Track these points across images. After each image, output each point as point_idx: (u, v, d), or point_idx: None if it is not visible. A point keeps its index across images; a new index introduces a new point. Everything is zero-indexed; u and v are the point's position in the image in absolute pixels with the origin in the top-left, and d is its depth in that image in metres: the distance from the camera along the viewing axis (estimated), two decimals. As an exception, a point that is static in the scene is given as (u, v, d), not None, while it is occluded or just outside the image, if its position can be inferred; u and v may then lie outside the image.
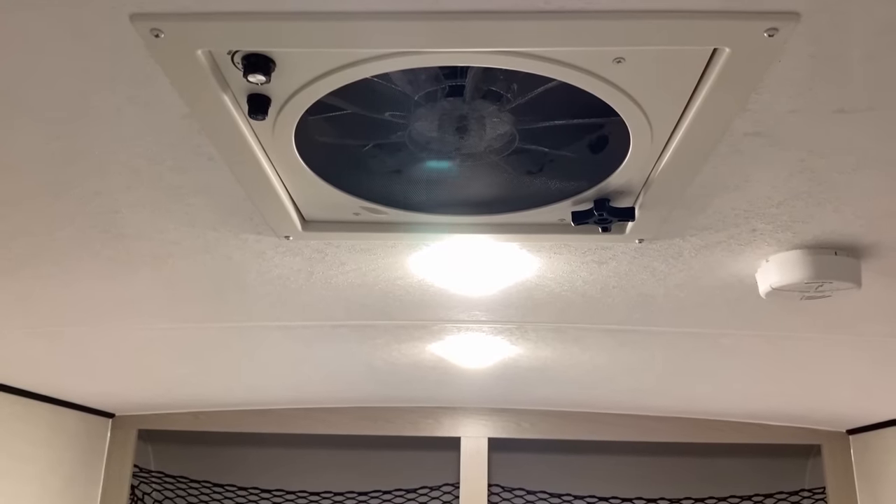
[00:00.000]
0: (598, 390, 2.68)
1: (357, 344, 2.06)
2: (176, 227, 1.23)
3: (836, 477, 3.11)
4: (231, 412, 3.20)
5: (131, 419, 3.23)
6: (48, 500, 2.78)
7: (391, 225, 1.23)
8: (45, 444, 2.76)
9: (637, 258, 1.33)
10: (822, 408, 2.77)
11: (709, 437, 3.13)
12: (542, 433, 3.21)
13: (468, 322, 1.84)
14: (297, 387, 2.76)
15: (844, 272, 1.24)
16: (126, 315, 1.75)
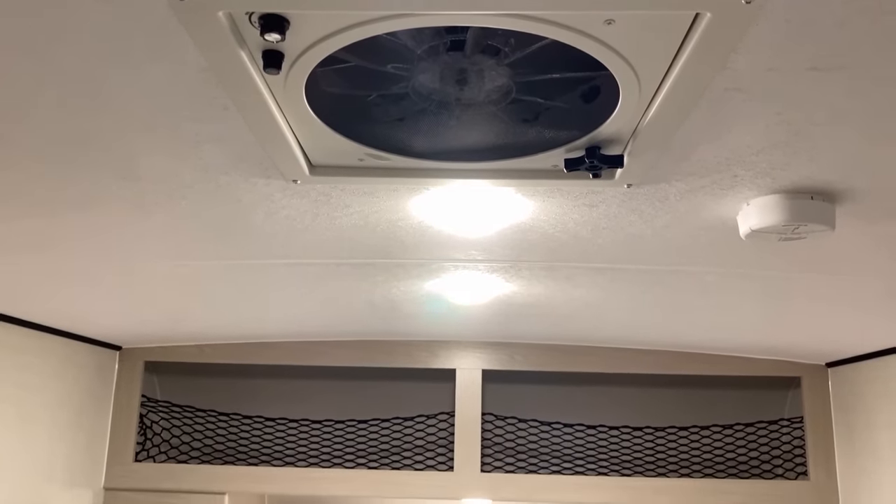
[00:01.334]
0: (588, 325, 2.80)
1: (358, 281, 2.15)
2: (190, 172, 1.30)
3: (813, 407, 3.27)
4: (235, 345, 3.32)
5: (138, 351, 3.35)
6: (61, 430, 2.92)
7: (393, 170, 1.30)
8: (55, 375, 2.87)
9: (626, 202, 1.41)
10: (801, 342, 2.90)
11: (693, 370, 3.28)
12: (534, 365, 3.34)
13: (465, 261, 1.92)
14: (299, 321, 2.87)
15: (820, 215, 1.32)
16: (138, 253, 1.83)
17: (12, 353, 2.62)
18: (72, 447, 3.00)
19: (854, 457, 3.09)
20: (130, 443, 3.30)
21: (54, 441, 2.87)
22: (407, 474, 3.33)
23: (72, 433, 2.99)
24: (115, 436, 3.29)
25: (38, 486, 2.79)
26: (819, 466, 3.21)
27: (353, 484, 3.30)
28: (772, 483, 3.24)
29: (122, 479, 3.26)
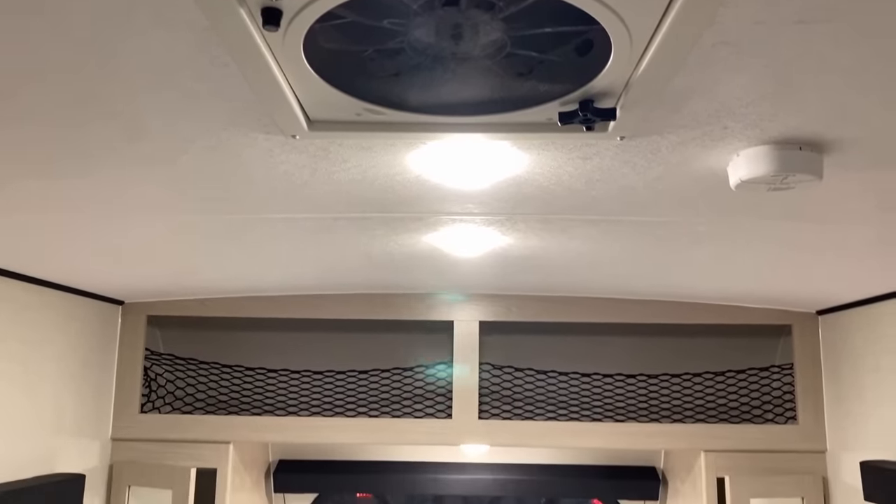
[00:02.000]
0: (583, 276, 2.84)
1: (356, 235, 2.19)
2: (191, 128, 1.32)
3: (803, 354, 3.35)
4: (236, 299, 3.38)
5: (140, 306, 3.40)
6: (67, 383, 2.98)
7: (390, 125, 1.32)
8: (60, 330, 2.93)
9: (619, 154, 1.43)
10: (792, 290, 2.95)
11: (686, 319, 3.34)
12: (530, 316, 3.41)
13: (461, 214, 1.95)
14: (299, 275, 2.91)
15: (807, 166, 1.35)
16: (139, 207, 1.86)
17: (17, 308, 2.66)
18: (78, 399, 3.07)
19: (841, 401, 3.17)
20: (136, 395, 3.38)
21: (61, 393, 2.94)
22: (407, 422, 3.41)
23: (78, 386, 3.06)
24: (120, 388, 3.37)
25: (47, 438, 2.86)
26: (807, 411, 3.30)
27: (355, 432, 3.39)
28: (761, 427, 3.33)
29: (128, 429, 3.35)
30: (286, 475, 4.04)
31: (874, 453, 2.87)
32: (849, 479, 3.09)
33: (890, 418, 2.82)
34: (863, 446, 2.98)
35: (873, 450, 2.90)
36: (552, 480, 4.06)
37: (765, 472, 3.25)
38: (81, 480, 2.90)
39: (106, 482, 3.31)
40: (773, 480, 3.22)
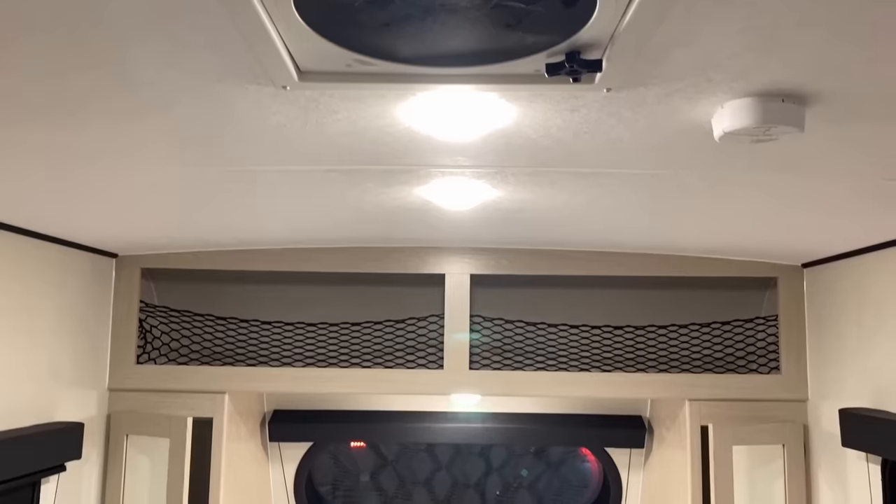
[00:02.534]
0: (571, 229, 2.88)
1: (348, 188, 2.21)
2: (182, 79, 1.33)
3: (788, 306, 3.41)
4: (229, 252, 3.40)
5: (134, 259, 3.43)
6: (63, 335, 3.03)
7: (380, 76, 1.34)
8: (55, 282, 2.96)
9: (605, 106, 1.46)
10: (778, 243, 3.00)
11: (673, 271, 3.39)
12: (520, 269, 3.45)
13: (451, 167, 1.98)
14: (291, 228, 2.94)
15: (789, 117, 1.38)
16: (132, 158, 1.87)
17: (12, 260, 2.69)
18: (75, 350, 3.12)
19: (823, 352, 3.25)
20: (131, 346, 3.42)
21: (58, 344, 2.99)
22: (399, 372, 3.48)
23: (74, 337, 3.10)
24: (116, 339, 3.41)
25: (46, 387, 2.92)
26: (790, 361, 3.38)
27: (348, 382, 3.46)
28: (745, 377, 3.42)
29: (125, 380, 3.41)
30: (281, 425, 4.12)
31: (853, 402, 2.96)
32: (828, 426, 3.19)
33: (869, 368, 2.90)
34: (842, 395, 3.07)
35: (852, 398, 2.98)
36: (541, 429, 4.16)
37: (747, 421, 3.34)
38: (80, 428, 2.97)
39: (104, 431, 3.38)
40: (755, 428, 3.32)
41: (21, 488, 2.75)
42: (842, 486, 3.08)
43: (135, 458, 3.40)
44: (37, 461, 2.71)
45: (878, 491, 2.80)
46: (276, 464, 4.23)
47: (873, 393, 2.87)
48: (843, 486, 3.07)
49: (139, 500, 3.37)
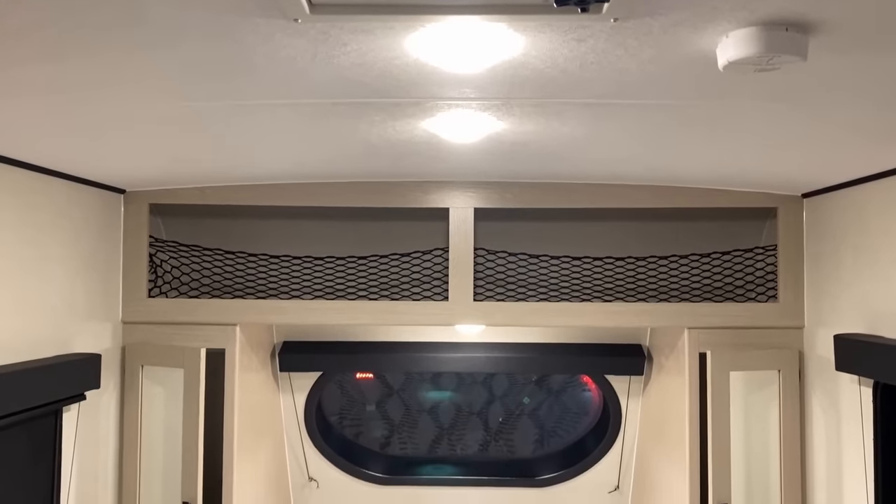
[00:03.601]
0: (575, 162, 2.91)
1: (355, 121, 2.23)
2: (194, 13, 1.35)
3: (787, 235, 3.47)
4: (237, 187, 3.44)
5: (142, 194, 3.46)
6: (76, 269, 3.09)
7: (390, 6, 1.36)
8: (66, 217, 3.00)
9: (612, 36, 1.47)
10: (779, 173, 3.03)
11: (675, 203, 3.43)
12: (524, 202, 3.49)
13: (458, 99, 2.00)
14: (298, 163, 2.96)
15: (793, 47, 1.40)
16: (141, 92, 1.89)
17: (24, 195, 2.73)
18: (88, 284, 3.19)
19: (820, 280, 3.32)
20: (143, 280, 3.49)
21: (72, 278, 3.05)
22: (405, 304, 3.56)
23: (87, 271, 3.17)
24: (127, 274, 3.48)
25: (62, 320, 3.00)
26: (788, 289, 3.45)
27: (355, 313, 3.54)
28: (744, 305, 3.50)
29: (137, 313, 3.49)
30: (291, 355, 4.24)
31: (848, 328, 3.04)
32: (823, 352, 3.28)
33: (864, 295, 2.97)
34: (837, 322, 3.15)
35: (847, 325, 3.06)
36: (543, 358, 4.28)
37: (745, 348, 3.44)
38: (97, 359, 3.06)
39: (120, 363, 3.49)
40: (752, 355, 3.42)
41: (45, 416, 2.86)
42: (835, 410, 3.19)
43: (150, 389, 3.51)
44: (58, 390, 2.81)
45: (869, 412, 2.91)
46: (287, 393, 4.37)
47: (868, 319, 2.94)
48: (836, 409, 3.18)
49: (156, 428, 3.49)
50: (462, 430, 4.89)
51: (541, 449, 4.85)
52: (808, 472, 3.41)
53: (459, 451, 4.88)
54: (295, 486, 4.48)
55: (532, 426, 4.91)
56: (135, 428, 3.46)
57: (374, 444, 4.85)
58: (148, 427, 3.49)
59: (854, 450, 3.03)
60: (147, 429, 3.49)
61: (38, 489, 2.88)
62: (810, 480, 3.39)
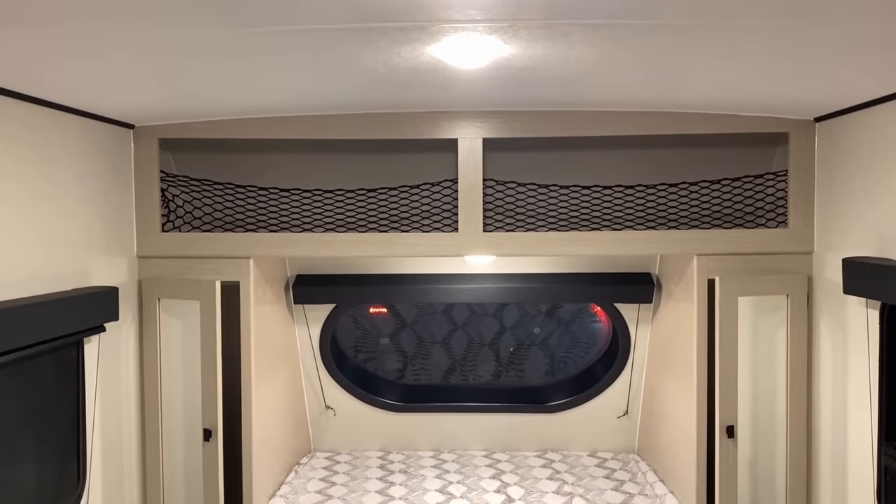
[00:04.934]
0: (584, 88, 2.87)
1: (360, 48, 2.22)
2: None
3: (798, 160, 3.44)
4: (245, 120, 3.43)
5: (151, 129, 3.47)
6: (90, 203, 3.13)
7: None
8: (76, 152, 3.02)
9: (619, -50, 1.45)
10: (791, 96, 2.99)
11: (685, 129, 3.40)
12: (532, 131, 3.47)
13: (463, 22, 1.97)
14: (305, 93, 2.95)
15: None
16: (147, 20, 1.88)
17: (32, 130, 2.74)
18: (102, 218, 3.23)
19: (831, 204, 3.31)
20: (156, 215, 3.53)
21: (86, 212, 3.10)
22: (415, 236, 3.59)
23: (100, 206, 3.21)
24: (140, 208, 3.52)
25: (80, 254, 3.05)
26: (798, 214, 3.45)
27: (366, 245, 3.57)
28: (753, 231, 3.50)
29: (152, 247, 3.54)
30: (304, 288, 4.31)
31: (857, 252, 3.05)
32: (831, 276, 3.30)
33: (874, 218, 2.96)
34: (847, 246, 3.15)
35: (856, 249, 3.07)
36: (553, 288, 4.32)
37: (753, 273, 3.46)
38: (115, 292, 3.13)
39: (137, 296, 3.55)
40: (760, 280, 3.44)
41: (67, 347, 2.95)
42: (842, 332, 3.23)
43: (168, 321, 3.59)
44: (79, 321, 2.89)
45: (875, 334, 2.95)
46: (302, 325, 4.45)
47: (877, 242, 2.95)
48: (843, 332, 3.22)
49: (175, 359, 3.59)
50: (474, 361, 4.99)
51: (551, 377, 4.95)
52: (814, 395, 3.47)
53: (472, 380, 4.99)
54: (312, 414, 4.61)
55: (542, 356, 5.00)
56: (154, 359, 3.55)
57: (388, 375, 4.96)
58: (167, 358, 3.59)
59: (860, 372, 3.08)
60: (166, 360, 3.59)
61: (65, 417, 2.98)
62: (816, 403, 3.46)
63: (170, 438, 3.59)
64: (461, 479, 4.15)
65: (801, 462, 3.46)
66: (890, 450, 2.90)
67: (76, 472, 3.04)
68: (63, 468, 2.99)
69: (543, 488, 4.01)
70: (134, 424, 3.54)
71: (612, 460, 4.45)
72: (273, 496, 3.86)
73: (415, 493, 3.94)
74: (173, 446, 3.60)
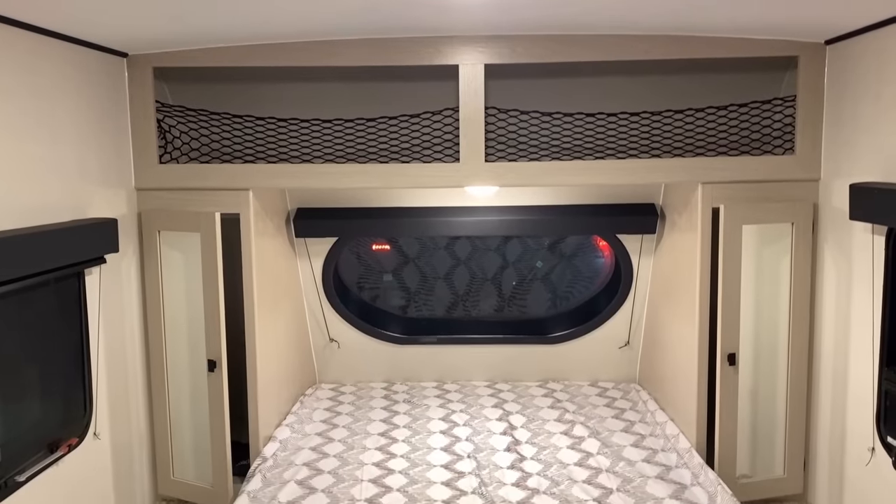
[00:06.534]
0: (588, 7, 2.78)
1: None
2: None
3: (807, 85, 3.36)
4: (241, 47, 3.34)
5: (145, 57, 3.39)
6: (85, 133, 3.08)
7: None
8: (69, 80, 2.96)
9: None
10: (801, 17, 2.90)
11: (692, 53, 3.31)
12: (535, 57, 3.38)
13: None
14: (302, 17, 2.86)
15: None
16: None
17: (23, 55, 2.68)
18: (99, 149, 3.18)
19: (839, 130, 3.25)
20: (152, 146, 3.48)
21: (82, 143, 3.05)
22: (415, 166, 3.54)
23: (96, 136, 3.16)
24: (136, 139, 3.47)
25: (77, 185, 3.02)
26: (806, 141, 3.39)
27: (366, 176, 3.53)
28: (759, 159, 3.45)
29: (150, 179, 3.50)
30: (305, 221, 4.28)
31: (864, 178, 3.00)
32: (838, 203, 3.26)
33: (883, 143, 2.91)
34: (854, 172, 3.10)
35: (863, 175, 3.02)
36: (555, 220, 4.29)
37: (759, 201, 3.41)
38: (114, 224, 3.11)
39: (137, 229, 3.53)
40: (765, 208, 3.40)
41: (68, 279, 2.94)
42: (846, 260, 3.21)
43: (169, 254, 3.58)
44: (79, 252, 2.87)
45: (880, 260, 2.92)
46: (304, 259, 4.44)
47: (884, 168, 2.90)
48: (848, 259, 3.19)
49: (177, 291, 3.59)
50: (476, 296, 5.00)
51: (553, 311, 4.96)
52: (817, 322, 3.47)
53: (475, 314, 5.01)
54: (317, 346, 4.65)
55: (545, 290, 5.00)
56: (156, 290, 3.55)
57: (392, 310, 4.98)
58: (169, 290, 3.59)
59: (863, 300, 3.07)
60: (168, 292, 3.59)
61: (69, 347, 3.00)
62: (818, 330, 3.46)
63: (174, 369, 3.63)
64: (464, 407, 4.21)
65: (801, 389, 3.49)
66: (891, 374, 2.92)
67: (83, 400, 3.07)
68: (70, 396, 3.02)
69: (545, 416, 4.06)
70: (139, 355, 3.57)
71: (613, 389, 4.49)
72: (279, 426, 3.91)
73: (419, 422, 4.00)
74: (178, 377, 3.64)
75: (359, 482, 3.29)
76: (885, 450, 2.93)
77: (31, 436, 2.76)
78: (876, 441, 2.98)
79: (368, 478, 3.33)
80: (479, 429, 3.90)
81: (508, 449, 3.62)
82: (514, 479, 3.29)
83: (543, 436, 3.80)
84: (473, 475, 3.34)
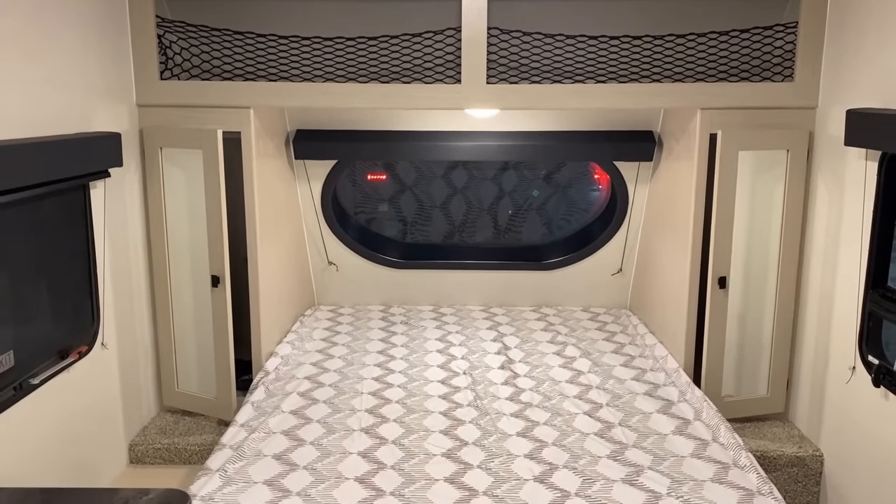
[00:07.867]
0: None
1: None
2: None
3: (810, 9, 3.36)
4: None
5: (144, -30, 3.35)
6: (85, 46, 3.06)
7: None
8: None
9: None
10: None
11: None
12: (540, -23, 3.35)
13: None
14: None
15: None
16: None
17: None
18: (100, 62, 3.17)
19: (840, 56, 3.26)
20: (153, 62, 3.47)
21: (82, 55, 3.03)
22: (416, 87, 3.54)
23: (97, 49, 3.14)
24: (137, 55, 3.45)
25: (80, 98, 3.02)
26: (806, 66, 3.40)
27: (367, 96, 3.53)
28: (759, 85, 3.47)
29: (151, 95, 3.50)
30: (305, 143, 4.30)
31: (862, 104, 3.03)
32: (834, 131, 3.30)
33: (884, 69, 2.93)
34: (852, 99, 3.13)
35: (862, 101, 3.05)
36: (554, 146, 4.32)
37: (756, 128, 3.45)
38: (118, 138, 3.12)
39: (139, 145, 3.55)
40: (762, 134, 3.44)
41: (73, 191, 2.98)
42: (839, 187, 3.27)
43: (171, 171, 3.60)
44: (83, 165, 2.90)
45: (871, 186, 2.98)
46: (303, 181, 4.47)
47: (884, 94, 2.93)
48: (840, 186, 3.25)
49: (180, 207, 3.62)
50: (473, 226, 5.05)
51: (549, 237, 5.03)
52: (807, 247, 3.55)
53: (471, 242, 5.08)
54: (315, 269, 4.72)
55: (540, 220, 5.06)
56: (159, 206, 3.59)
57: (390, 236, 5.04)
58: (172, 206, 3.62)
59: (853, 226, 3.14)
60: (171, 208, 3.63)
61: (76, 259, 3.05)
62: (807, 254, 3.55)
63: (178, 284, 3.69)
64: (460, 329, 4.31)
65: (788, 312, 3.60)
66: (875, 297, 3.01)
67: (90, 310, 3.15)
68: (78, 306, 3.09)
69: (538, 338, 4.17)
70: (142, 270, 3.63)
71: (605, 314, 4.60)
72: (280, 343, 4.01)
73: (416, 342, 4.11)
74: (182, 292, 3.70)
75: (359, 394, 3.40)
76: (865, 368, 3.05)
77: (42, 342, 2.84)
78: (857, 360, 3.10)
79: (368, 391, 3.44)
80: (474, 349, 4.01)
81: (502, 367, 3.74)
82: (508, 394, 3.42)
83: (536, 356, 3.91)
84: (469, 389, 3.46)
